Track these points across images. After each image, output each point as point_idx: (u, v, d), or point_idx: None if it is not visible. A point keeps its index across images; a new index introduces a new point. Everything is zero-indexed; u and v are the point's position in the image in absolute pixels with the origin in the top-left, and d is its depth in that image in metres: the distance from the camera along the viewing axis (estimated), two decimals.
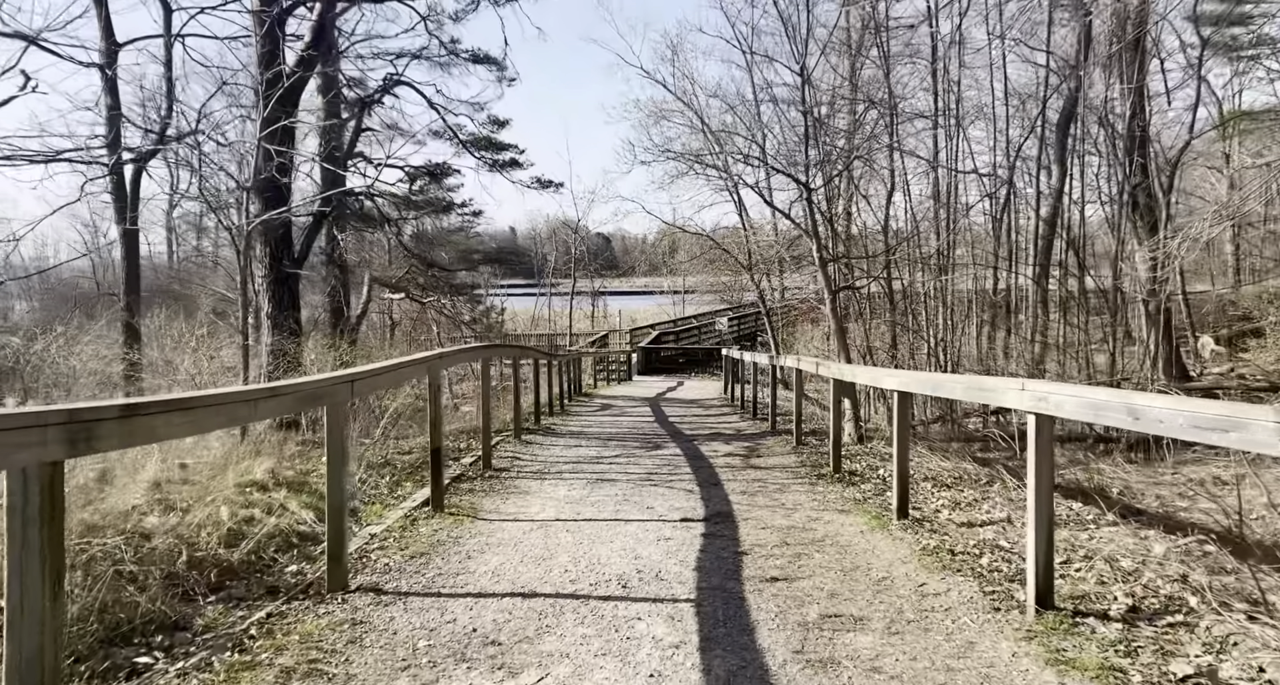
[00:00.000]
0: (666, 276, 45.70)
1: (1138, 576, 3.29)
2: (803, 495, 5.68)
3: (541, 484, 6.19)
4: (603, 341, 28.46)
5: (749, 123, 9.27)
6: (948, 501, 5.23)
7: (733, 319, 30.14)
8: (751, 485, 6.08)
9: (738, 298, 36.08)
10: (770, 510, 5.19)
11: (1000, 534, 4.30)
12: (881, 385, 5.05)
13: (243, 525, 3.84)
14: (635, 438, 9.17)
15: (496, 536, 4.48)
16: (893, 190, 12.09)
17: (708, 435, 9.41)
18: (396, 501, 5.28)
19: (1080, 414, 2.69)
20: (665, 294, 45.94)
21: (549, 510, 5.24)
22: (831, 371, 6.34)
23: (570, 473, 6.71)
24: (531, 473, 6.70)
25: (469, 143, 13.97)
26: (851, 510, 5.15)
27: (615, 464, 7.21)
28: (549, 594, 3.41)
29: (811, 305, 24.36)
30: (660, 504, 5.40)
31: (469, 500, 5.48)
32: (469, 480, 6.22)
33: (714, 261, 29.48)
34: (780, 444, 8.35)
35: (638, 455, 7.74)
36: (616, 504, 5.43)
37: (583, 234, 43.29)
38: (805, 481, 6.21)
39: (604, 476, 6.51)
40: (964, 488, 5.71)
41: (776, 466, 6.97)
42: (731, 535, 4.53)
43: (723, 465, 7.06)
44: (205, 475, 4.72)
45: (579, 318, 43.07)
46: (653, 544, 4.31)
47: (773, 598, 3.37)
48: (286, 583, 3.41)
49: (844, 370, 6.02)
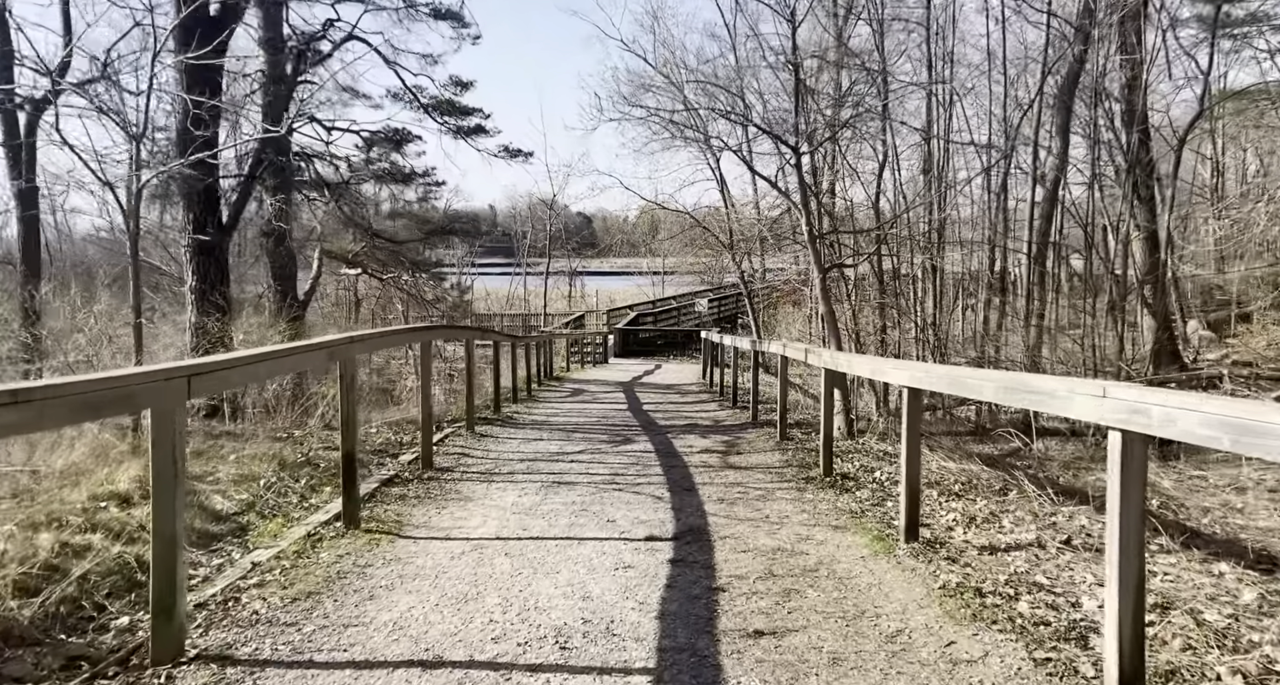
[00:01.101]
0: (646, 257, 44.84)
1: (1235, 638, 2.51)
2: (789, 504, 4.88)
3: (488, 488, 5.34)
4: (578, 322, 27.55)
5: (731, 79, 8.29)
6: (960, 515, 4.45)
7: (713, 300, 29.34)
8: (730, 491, 5.27)
9: (718, 279, 35.32)
10: (752, 525, 4.39)
11: (1033, 564, 3.52)
12: (886, 379, 4.25)
13: (70, 558, 2.95)
14: (603, 429, 8.34)
15: (416, 563, 3.63)
16: (884, 164, 11.27)
17: (683, 426, 8.60)
18: (306, 513, 4.41)
19: (1203, 435, 1.88)
20: (644, 275, 45.06)
21: (490, 524, 4.40)
22: (823, 360, 5.52)
23: (524, 473, 5.87)
24: (479, 473, 5.84)
25: (430, 106, 12.90)
26: (848, 526, 4.35)
27: (577, 462, 6.37)
28: (460, 661, 2.57)
29: (794, 287, 23.63)
30: (624, 516, 4.57)
31: (396, 510, 4.61)
32: (403, 483, 5.35)
33: (694, 242, 28.63)
34: (763, 438, 7.55)
35: (604, 451, 6.91)
36: (572, 515, 4.60)
37: (559, 211, 42.20)
38: (792, 486, 5.42)
39: (562, 478, 5.67)
40: (975, 496, 4.94)
41: (759, 466, 6.17)
42: (706, 561, 3.72)
43: (698, 464, 6.25)
44: (58, 484, 3.81)
45: (556, 298, 42.07)
46: (609, 575, 3.48)
47: (757, 664, 2.56)
48: (101, 649, 2.53)
49: (838, 359, 5.21)
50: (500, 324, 29.18)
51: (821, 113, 8.26)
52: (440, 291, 15.63)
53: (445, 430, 7.63)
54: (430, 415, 5.85)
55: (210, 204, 8.16)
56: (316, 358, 3.85)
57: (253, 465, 5.10)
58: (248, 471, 4.91)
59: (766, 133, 7.56)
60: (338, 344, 3.85)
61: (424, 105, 12.82)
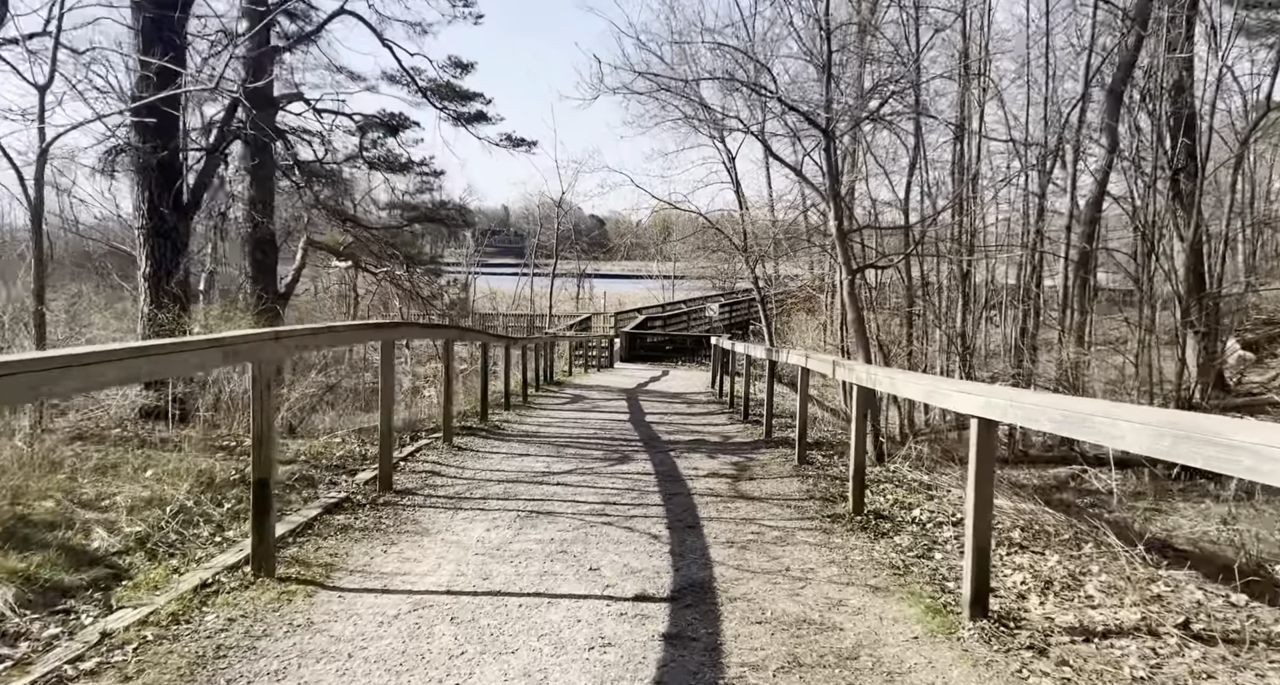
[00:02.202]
0: (657, 261, 44.03)
1: None
2: (814, 551, 4.00)
3: (453, 518, 4.48)
4: (585, 324, 26.73)
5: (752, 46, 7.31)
6: (1029, 576, 3.55)
7: (724, 305, 28.47)
8: (742, 529, 4.40)
9: (730, 284, 34.45)
10: (769, 580, 3.51)
11: (1152, 664, 2.62)
12: (947, 405, 3.36)
13: None
14: (599, 444, 7.47)
15: (332, 632, 2.77)
16: (915, 160, 10.38)
17: (689, 442, 7.72)
18: (216, 551, 3.55)
19: None
20: (655, 278, 44.27)
21: (445, 569, 3.55)
22: (856, 376, 4.63)
23: (500, 499, 5.00)
24: (446, 498, 4.98)
25: (429, 90, 12.08)
26: (890, 588, 3.46)
27: (565, 485, 5.50)
28: None
29: (809, 293, 22.68)
30: (611, 562, 3.71)
31: (332, 548, 3.76)
32: (351, 509, 4.49)
33: (706, 245, 27.75)
34: (778, 460, 6.66)
35: (597, 472, 6.03)
36: (548, 558, 3.74)
37: (571, 212, 41.49)
38: (815, 525, 4.53)
39: (544, 507, 4.80)
40: (1041, 547, 4.04)
41: (775, 497, 5.28)
42: (710, 638, 2.85)
43: (704, 491, 5.37)
44: None
45: (564, 299, 41.32)
46: (580, 659, 2.62)
47: None
48: None
49: (877, 376, 4.31)
50: (503, 324, 28.41)
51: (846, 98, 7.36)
52: (436, 288, 14.81)
53: (419, 442, 6.77)
54: (391, 428, 5.00)
55: (167, 181, 7.36)
56: (201, 360, 2.95)
57: (170, 484, 4.26)
58: (159, 493, 4.07)
59: (794, 109, 6.68)
60: (244, 342, 2.99)
61: (422, 89, 11.99)
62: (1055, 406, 2.27)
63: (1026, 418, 2.48)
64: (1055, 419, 2.22)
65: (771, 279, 22.82)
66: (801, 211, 22.37)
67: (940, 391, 3.33)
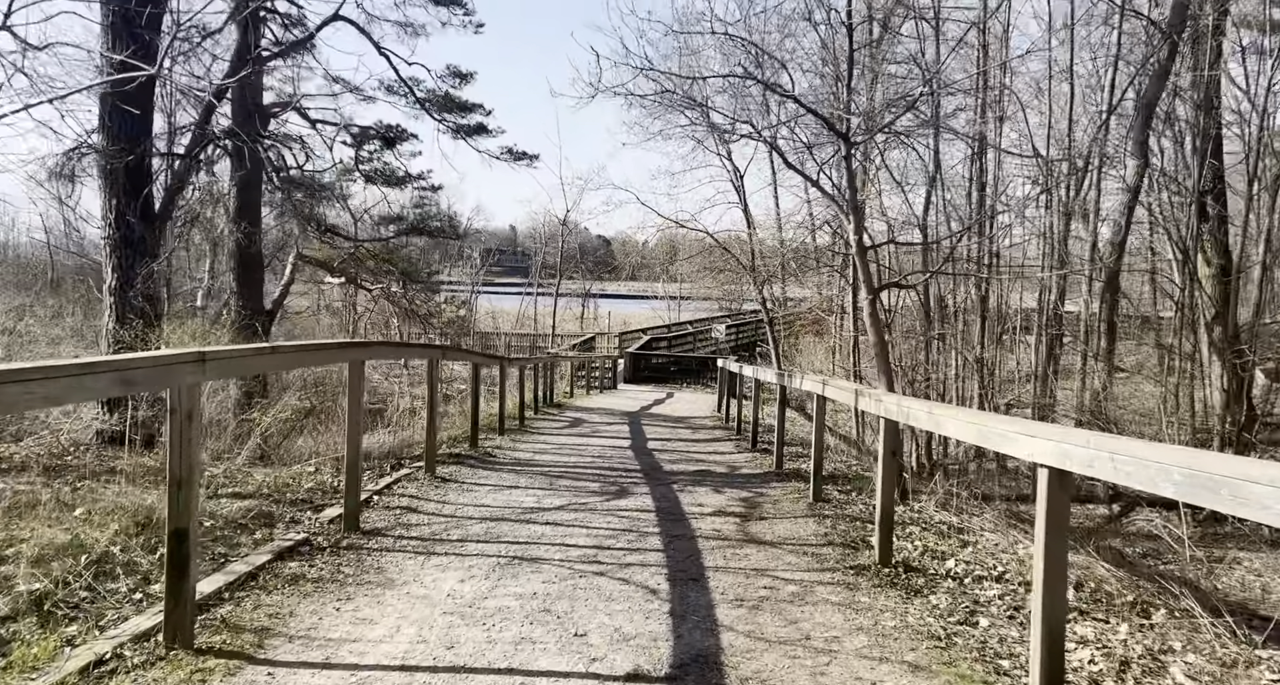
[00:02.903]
0: (663, 281, 43.68)
1: None
2: (837, 613, 3.43)
3: (423, 565, 3.93)
4: (589, 344, 26.24)
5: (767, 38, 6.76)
6: (1100, 654, 2.97)
7: (730, 326, 27.99)
8: (753, 583, 3.83)
9: (736, 305, 33.96)
10: (786, 653, 2.95)
11: None
12: (1008, 450, 2.76)
13: None
14: (597, 475, 6.91)
15: None
16: (935, 178, 9.90)
17: (694, 474, 7.15)
18: (132, 613, 3.01)
19: None
20: (660, 299, 43.87)
21: (404, 634, 3.00)
22: (884, 408, 4.08)
23: (479, 541, 4.45)
24: (419, 540, 4.43)
25: (427, 101, 11.67)
26: (934, 666, 2.89)
27: (554, 524, 4.94)
28: None
29: (817, 315, 22.15)
30: (600, 627, 3.15)
31: (273, 606, 3.21)
32: (308, 555, 3.95)
33: (712, 266, 27.30)
34: (791, 496, 6.09)
35: (592, 508, 5.47)
36: (526, 621, 3.19)
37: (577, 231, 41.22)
38: (838, 579, 3.96)
39: (528, 551, 4.25)
40: (1106, 612, 3.46)
41: (789, 542, 4.71)
42: None
43: (710, 534, 4.81)
44: None
45: (569, 319, 40.88)
46: None
47: None
48: None
49: (912, 410, 3.75)
50: (505, 343, 27.92)
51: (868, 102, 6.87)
52: (432, 305, 14.31)
53: (400, 471, 6.23)
54: (358, 460, 4.46)
55: (135, 187, 6.88)
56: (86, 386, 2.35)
57: (100, 525, 3.73)
58: (83, 537, 3.54)
59: (812, 112, 6.17)
60: (142, 366, 2.46)
61: (419, 99, 11.56)
62: (1175, 463, 1.70)
63: (1124, 472, 1.92)
64: (1178, 481, 1.67)
65: (779, 300, 22.34)
66: (810, 231, 21.89)
67: (996, 432, 2.78)
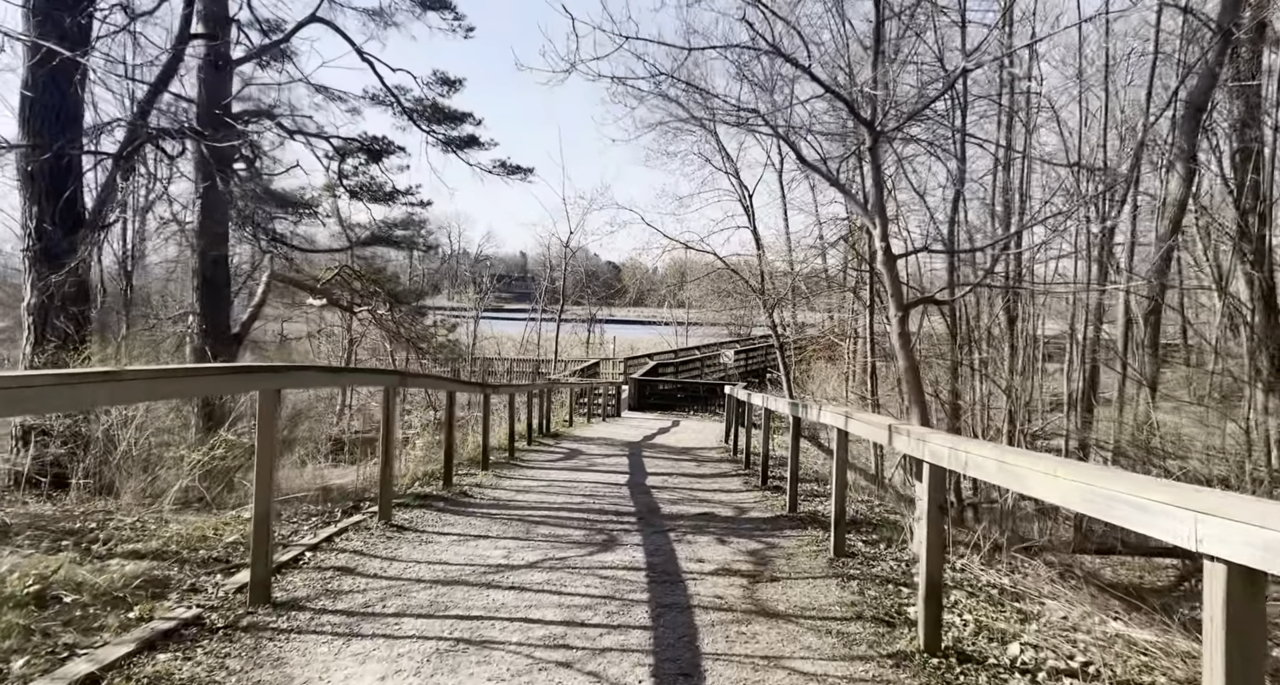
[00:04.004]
0: (669, 306, 42.95)
1: None
2: None
3: (337, 654, 3.04)
4: (593, 370, 25.37)
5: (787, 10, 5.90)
6: None
7: (739, 352, 27.14)
8: (764, 680, 2.93)
9: (746, 330, 33.15)
10: None
11: None
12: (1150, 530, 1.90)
13: None
14: (583, 519, 6.01)
15: None
16: (961, 188, 9.08)
17: (695, 518, 6.23)
18: None
19: None
20: (668, 324, 43.09)
21: None
22: (930, 451, 3.19)
23: (421, 614, 3.56)
24: (344, 614, 3.54)
25: (415, 112, 10.99)
26: None
27: (519, 590, 4.03)
28: None
29: (829, 341, 21.29)
30: None
31: None
32: (189, 641, 3.07)
33: (720, 289, 26.57)
34: (808, 548, 5.17)
35: (570, 566, 4.57)
36: None
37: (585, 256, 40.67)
38: (873, 673, 3.04)
39: (478, 632, 3.36)
40: None
41: (808, 614, 3.79)
42: None
43: (710, 602, 3.90)
44: None
45: (574, 344, 40.11)
46: None
47: None
48: None
49: (974, 458, 2.83)
50: (506, 369, 27.13)
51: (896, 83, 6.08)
52: (421, 328, 13.52)
53: (351, 518, 5.35)
54: (269, 514, 3.59)
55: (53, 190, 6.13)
56: None
57: None
58: None
59: (833, 92, 5.32)
60: None
61: (406, 109, 10.89)
62: None
63: None
64: None
65: (790, 324, 21.49)
66: (821, 252, 21.06)
67: (1121, 497, 1.89)
